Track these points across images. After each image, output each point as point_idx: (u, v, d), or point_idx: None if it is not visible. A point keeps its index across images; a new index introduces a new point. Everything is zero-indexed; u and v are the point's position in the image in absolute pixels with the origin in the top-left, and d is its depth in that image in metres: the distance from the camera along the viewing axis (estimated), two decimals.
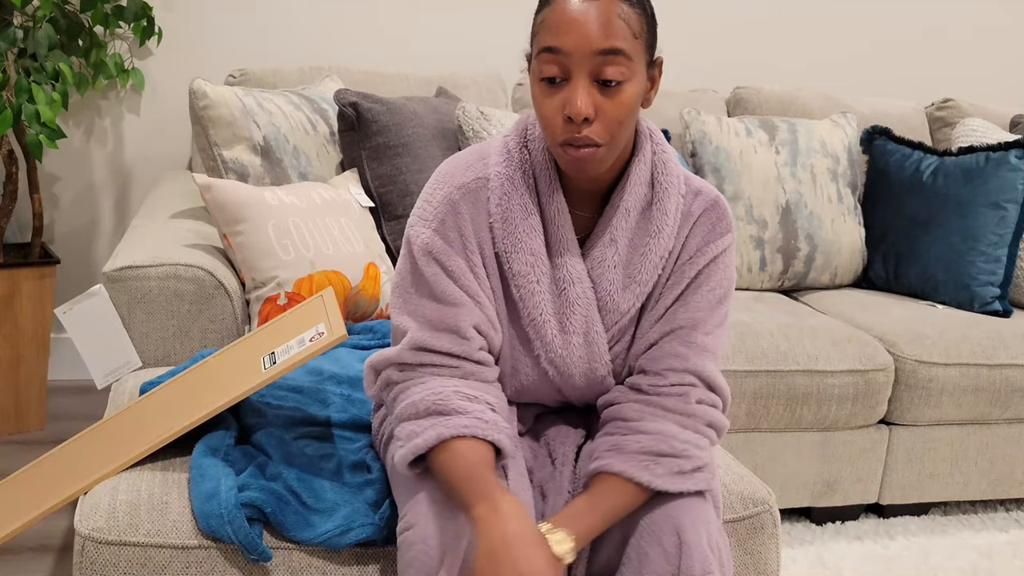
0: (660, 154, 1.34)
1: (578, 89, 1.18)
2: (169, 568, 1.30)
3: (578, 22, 1.17)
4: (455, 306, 1.27)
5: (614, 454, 1.26)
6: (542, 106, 1.22)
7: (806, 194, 2.69)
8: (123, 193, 2.89)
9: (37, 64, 2.34)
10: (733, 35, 3.21)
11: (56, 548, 2.04)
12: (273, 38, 2.87)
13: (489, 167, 1.31)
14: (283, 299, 1.92)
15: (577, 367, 1.35)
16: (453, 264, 1.28)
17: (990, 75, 3.46)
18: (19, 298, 2.44)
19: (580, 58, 1.18)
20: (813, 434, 2.35)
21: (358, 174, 2.30)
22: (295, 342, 1.47)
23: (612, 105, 1.20)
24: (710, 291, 1.32)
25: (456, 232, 1.29)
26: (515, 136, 1.33)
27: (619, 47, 1.18)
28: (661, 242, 1.31)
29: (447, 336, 1.27)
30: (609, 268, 1.32)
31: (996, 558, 2.34)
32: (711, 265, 1.33)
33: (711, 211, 1.34)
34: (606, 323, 1.34)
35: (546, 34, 1.19)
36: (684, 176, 1.35)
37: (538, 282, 1.31)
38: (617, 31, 1.18)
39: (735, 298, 2.58)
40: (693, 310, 1.31)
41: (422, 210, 1.31)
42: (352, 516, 1.35)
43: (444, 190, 1.30)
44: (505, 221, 1.30)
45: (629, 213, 1.31)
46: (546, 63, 1.20)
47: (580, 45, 1.17)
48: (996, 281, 2.61)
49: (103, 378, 1.84)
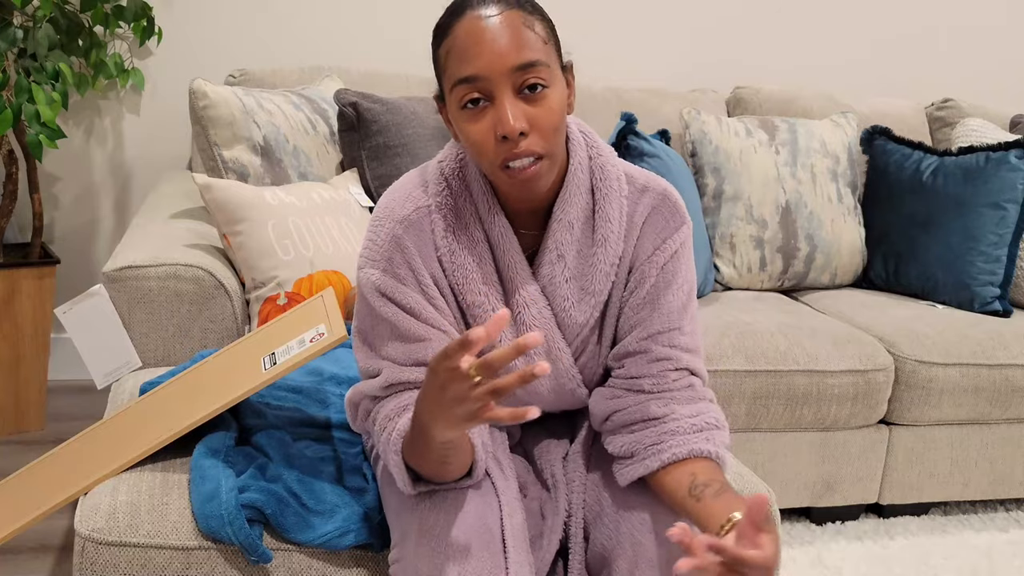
0: (596, 158, 1.30)
1: (505, 106, 1.14)
2: (169, 569, 1.30)
3: (487, 42, 1.13)
4: (420, 341, 1.25)
5: (671, 438, 1.24)
6: (470, 134, 1.17)
7: (806, 194, 2.69)
8: (123, 193, 2.89)
9: (37, 64, 2.34)
10: (733, 35, 3.21)
11: (56, 548, 2.04)
12: (273, 38, 2.87)
13: (429, 196, 1.27)
14: (283, 299, 1.92)
15: (544, 385, 1.34)
16: (409, 300, 1.25)
17: (990, 75, 3.46)
18: (19, 298, 2.44)
19: (499, 78, 1.14)
20: (813, 434, 2.35)
21: (358, 174, 2.30)
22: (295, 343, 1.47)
23: (542, 112, 1.16)
24: (678, 288, 1.30)
25: (406, 268, 1.25)
26: (450, 163, 1.29)
27: (534, 58, 1.15)
28: (608, 250, 1.29)
29: (417, 369, 1.25)
30: (561, 284, 1.29)
31: (996, 558, 2.34)
32: (672, 261, 1.30)
33: (661, 207, 1.31)
34: (567, 338, 1.32)
35: (456, 64, 1.15)
36: (626, 175, 1.31)
37: (494, 310, 1.28)
38: (528, 42, 1.15)
39: (735, 298, 2.58)
40: (667, 313, 1.29)
41: (368, 250, 1.27)
42: (352, 518, 1.35)
43: (387, 226, 1.26)
44: (452, 253, 1.27)
45: (572, 226, 1.28)
46: (464, 93, 1.15)
47: (496, 65, 1.13)
48: (996, 281, 2.61)
49: (103, 378, 1.84)
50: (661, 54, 3.16)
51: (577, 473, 1.36)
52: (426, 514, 1.22)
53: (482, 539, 1.19)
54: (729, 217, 2.64)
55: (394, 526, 1.29)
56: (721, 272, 2.65)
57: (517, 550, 1.21)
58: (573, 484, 1.35)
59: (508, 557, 1.19)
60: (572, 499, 1.34)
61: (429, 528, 1.20)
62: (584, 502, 1.33)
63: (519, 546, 1.22)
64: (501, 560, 1.19)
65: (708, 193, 2.66)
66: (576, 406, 1.41)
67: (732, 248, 2.64)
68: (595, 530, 1.30)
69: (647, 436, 1.27)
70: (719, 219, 2.64)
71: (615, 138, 2.48)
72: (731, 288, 2.69)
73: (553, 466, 1.38)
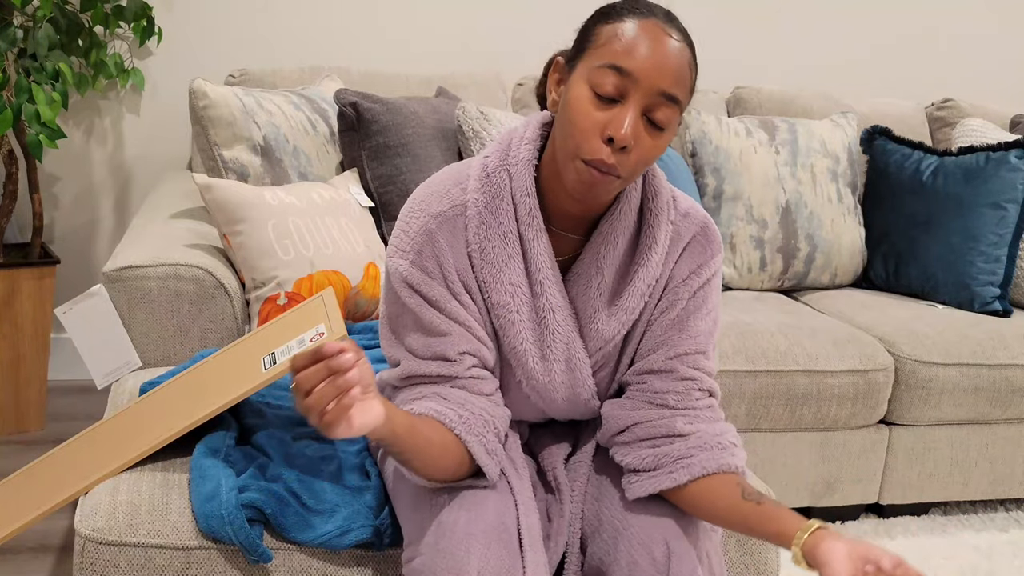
0: (651, 179, 1.31)
1: (629, 115, 1.15)
2: (169, 569, 1.30)
3: (657, 54, 1.14)
4: (442, 335, 1.25)
5: (705, 452, 1.26)
6: (582, 117, 1.16)
7: (806, 194, 2.69)
8: (123, 193, 2.89)
9: (37, 64, 2.34)
10: (733, 35, 3.21)
11: (56, 548, 2.04)
12: (273, 38, 2.87)
13: (467, 193, 1.27)
14: (283, 299, 1.92)
15: (559, 392, 1.34)
16: (435, 293, 1.25)
17: (990, 75, 3.46)
18: (19, 298, 2.44)
19: (645, 89, 1.15)
20: (813, 434, 2.35)
21: (358, 174, 2.30)
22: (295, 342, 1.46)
23: (650, 145, 1.17)
24: (707, 314, 1.32)
25: (434, 262, 1.25)
26: (496, 158, 1.28)
27: (679, 96, 1.17)
28: (649, 271, 1.29)
29: (435, 363, 1.26)
30: (594, 296, 1.30)
31: (996, 558, 2.34)
32: (705, 288, 1.32)
33: (701, 235, 1.32)
34: (589, 349, 1.32)
35: (618, 50, 1.15)
36: (673, 198, 1.33)
37: (518, 311, 1.28)
38: (684, 80, 1.17)
39: (735, 298, 2.58)
40: (694, 335, 1.31)
41: (399, 240, 1.27)
42: (352, 518, 1.35)
43: (420, 219, 1.26)
44: (483, 251, 1.26)
45: (618, 241, 1.29)
46: (607, 78, 1.15)
47: (651, 78, 1.14)
48: (996, 281, 2.61)
49: (103, 378, 1.84)
50: None
51: (578, 483, 1.36)
52: (444, 512, 1.22)
53: (500, 537, 1.19)
54: (729, 217, 2.64)
55: (407, 524, 1.29)
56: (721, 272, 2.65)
57: (534, 549, 1.21)
58: (574, 494, 1.35)
59: (525, 556, 1.19)
60: (572, 509, 1.34)
61: (448, 525, 1.20)
62: (583, 514, 1.34)
63: (535, 545, 1.23)
64: (518, 558, 1.19)
65: (708, 193, 2.66)
66: (587, 416, 1.41)
67: (732, 248, 2.64)
68: (592, 544, 1.30)
69: (675, 450, 1.27)
70: (719, 219, 2.64)
71: None
72: (731, 288, 2.69)
73: (556, 469, 1.38)
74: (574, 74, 1.19)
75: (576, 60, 1.20)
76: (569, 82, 1.20)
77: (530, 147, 1.27)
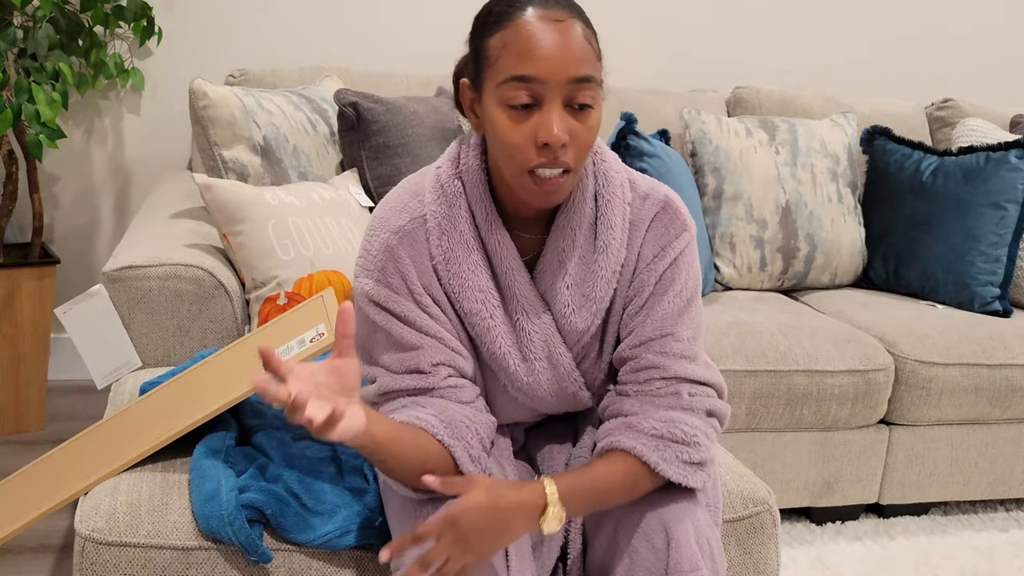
0: (600, 164, 1.30)
1: (553, 115, 1.13)
2: (169, 569, 1.30)
3: (552, 49, 1.12)
4: (414, 349, 1.25)
5: (624, 431, 1.24)
6: (509, 133, 1.15)
7: (806, 194, 2.69)
8: (123, 193, 2.89)
9: (37, 64, 2.34)
10: (733, 35, 3.21)
11: (56, 548, 2.04)
12: (273, 38, 2.87)
13: (425, 205, 1.27)
14: (283, 299, 1.92)
15: (546, 389, 1.34)
16: (403, 308, 1.25)
17: (990, 75, 3.46)
18: (19, 298, 2.44)
19: (555, 86, 1.13)
20: (813, 434, 2.35)
21: (358, 174, 2.30)
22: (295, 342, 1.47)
23: (584, 130, 1.16)
24: (676, 295, 1.28)
25: (399, 277, 1.25)
26: (447, 167, 1.28)
27: (591, 74, 1.15)
28: (610, 257, 1.28)
29: (410, 377, 1.26)
30: (561, 290, 1.29)
31: (996, 558, 2.34)
32: (672, 268, 1.29)
33: (662, 214, 1.30)
34: (568, 342, 1.32)
35: (513, 61, 1.13)
36: (629, 181, 1.31)
37: (491, 317, 1.28)
38: (588, 56, 1.15)
39: (735, 298, 2.58)
40: (660, 319, 1.28)
41: (363, 259, 1.26)
42: (352, 518, 1.35)
43: (382, 236, 1.26)
44: (448, 261, 1.26)
45: (575, 232, 1.28)
46: (516, 91, 1.13)
47: (556, 73, 1.12)
48: (996, 281, 2.61)
49: (103, 378, 1.84)
50: (661, 54, 3.16)
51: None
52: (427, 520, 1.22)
53: None
54: (729, 217, 2.64)
55: (395, 531, 1.29)
56: (721, 272, 2.65)
57: (519, 557, 1.21)
58: None
59: (510, 564, 1.19)
60: None
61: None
62: None
63: (521, 553, 1.22)
64: (503, 567, 1.19)
65: (708, 193, 2.66)
66: (579, 408, 1.41)
67: (732, 248, 2.64)
68: (594, 539, 1.29)
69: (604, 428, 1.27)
70: (719, 219, 2.64)
71: (615, 138, 2.48)
72: (731, 288, 2.69)
73: (555, 472, 1.38)
74: (484, 95, 1.18)
75: (479, 80, 1.19)
76: (483, 104, 1.19)
77: (477, 152, 1.27)
